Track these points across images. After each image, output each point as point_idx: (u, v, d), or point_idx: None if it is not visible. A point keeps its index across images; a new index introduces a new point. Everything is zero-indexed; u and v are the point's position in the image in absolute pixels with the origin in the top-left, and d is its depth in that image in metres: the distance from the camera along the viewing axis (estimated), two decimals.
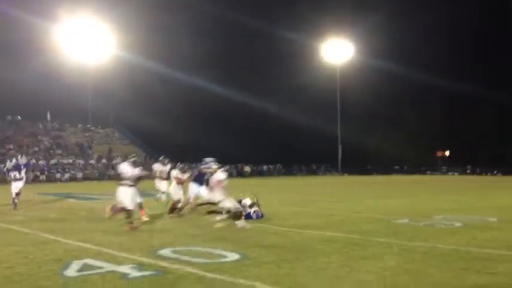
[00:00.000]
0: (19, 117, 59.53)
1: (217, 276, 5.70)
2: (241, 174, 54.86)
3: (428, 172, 71.39)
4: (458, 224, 10.69)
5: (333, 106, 72.16)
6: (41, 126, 59.73)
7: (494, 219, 11.69)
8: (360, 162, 75.48)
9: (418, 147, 78.62)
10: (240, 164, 57.83)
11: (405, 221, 11.42)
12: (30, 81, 56.80)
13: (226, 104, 65.81)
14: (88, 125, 63.67)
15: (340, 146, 73.20)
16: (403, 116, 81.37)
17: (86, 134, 61.19)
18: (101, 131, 63.90)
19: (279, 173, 64.10)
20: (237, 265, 6.35)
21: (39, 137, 56.47)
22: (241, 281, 5.46)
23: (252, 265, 6.34)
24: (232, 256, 6.94)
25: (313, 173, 70.73)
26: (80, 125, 63.00)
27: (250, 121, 68.54)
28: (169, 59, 60.71)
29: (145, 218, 10.95)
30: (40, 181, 42.84)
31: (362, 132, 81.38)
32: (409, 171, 72.41)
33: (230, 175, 32.72)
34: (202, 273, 5.85)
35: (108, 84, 60.39)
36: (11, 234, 9.58)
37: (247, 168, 58.26)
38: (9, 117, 58.40)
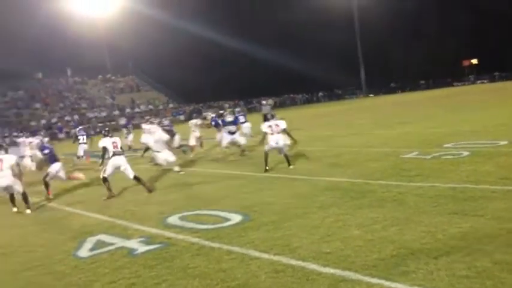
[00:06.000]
0: (40, 74, 60.34)
1: (216, 245, 6.11)
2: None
3: (455, 84, 69.78)
4: (465, 154, 10.77)
5: (350, 24, 69.84)
6: (63, 82, 60.64)
7: (505, 142, 11.71)
8: (385, 80, 74.18)
9: (443, 59, 76.18)
10: (261, 98, 57.87)
11: (414, 154, 11.54)
12: (43, 38, 56.94)
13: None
14: (108, 75, 64.25)
15: (362, 66, 71.85)
16: (425, 26, 78.13)
17: (107, 85, 61.91)
18: (121, 79, 64.50)
19: (302, 102, 63.99)
20: (237, 229, 6.74)
21: (63, 93, 57.56)
22: (237, 249, 5.85)
23: (251, 228, 6.71)
24: (235, 218, 7.32)
25: (338, 97, 70.15)
26: (100, 76, 63.65)
27: (270, 53, 67.47)
28: (176, 9, 60.09)
29: None
30: (70, 137, 43.95)
31: (384, 49, 79.05)
32: (436, 84, 70.87)
33: (253, 110, 33.06)
34: (202, 242, 6.27)
35: (120, 35, 60.18)
36: (36, 207, 10.27)
37: (270, 101, 58.16)
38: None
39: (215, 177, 11.84)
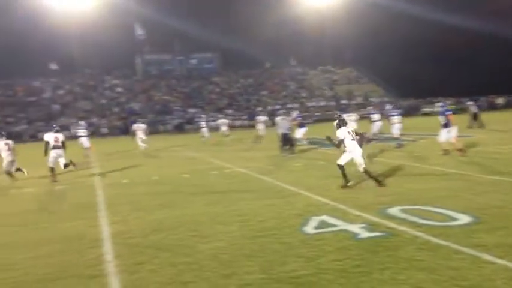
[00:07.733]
0: (268, 64, 65.65)
1: (443, 242, 5.87)
2: (492, 106, 49.78)
3: None
4: None
5: None
6: (287, 71, 64.81)
7: None
8: None
9: None
10: (490, 96, 52.49)
11: None
12: (272, 30, 61.42)
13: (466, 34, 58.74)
14: (327, 66, 66.23)
15: None
16: None
17: (326, 76, 63.91)
18: (339, 71, 65.82)
19: None
20: (466, 230, 6.35)
21: (286, 82, 61.56)
22: (467, 249, 5.53)
23: (482, 231, 6.25)
24: (463, 219, 6.91)
25: None
26: (320, 67, 66.04)
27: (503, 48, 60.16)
28: None
29: None
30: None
31: None
32: None
33: (479, 108, 30.53)
34: (427, 237, 6.09)
35: (341, 25, 61.07)
36: (265, 184, 11.32)
37: (499, 100, 52.43)
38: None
39: (431, 174, 11.30)
